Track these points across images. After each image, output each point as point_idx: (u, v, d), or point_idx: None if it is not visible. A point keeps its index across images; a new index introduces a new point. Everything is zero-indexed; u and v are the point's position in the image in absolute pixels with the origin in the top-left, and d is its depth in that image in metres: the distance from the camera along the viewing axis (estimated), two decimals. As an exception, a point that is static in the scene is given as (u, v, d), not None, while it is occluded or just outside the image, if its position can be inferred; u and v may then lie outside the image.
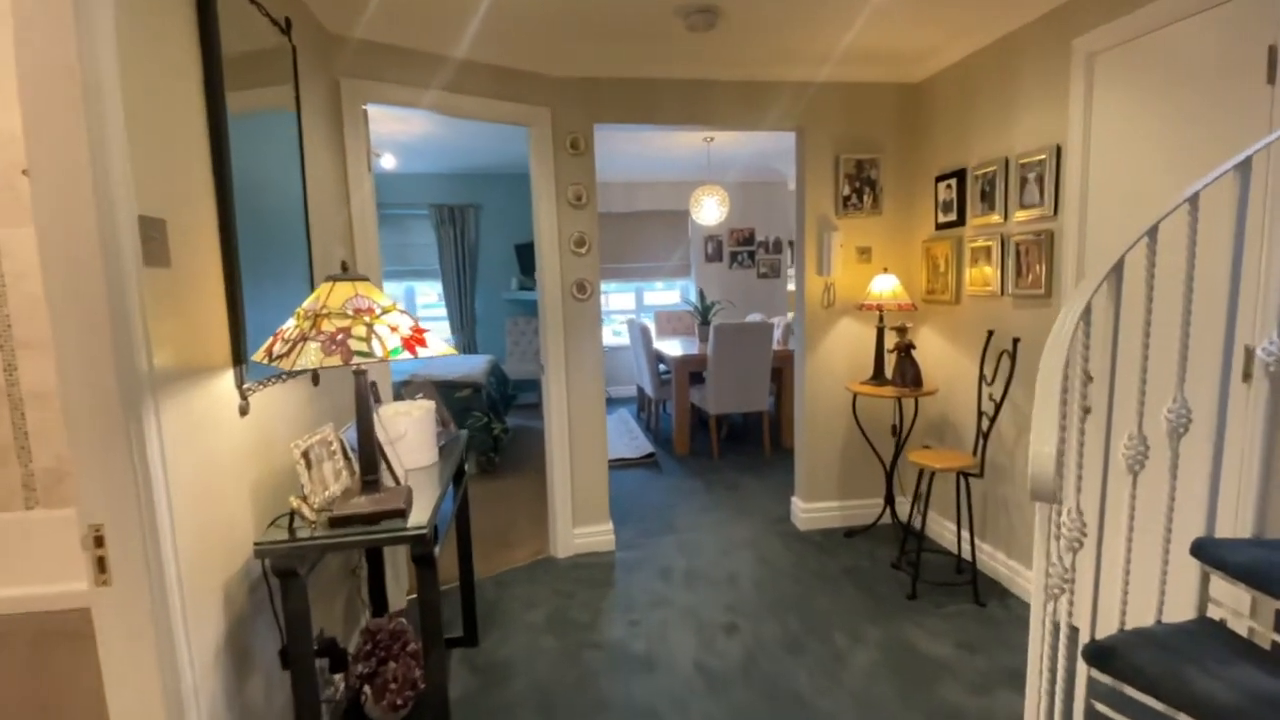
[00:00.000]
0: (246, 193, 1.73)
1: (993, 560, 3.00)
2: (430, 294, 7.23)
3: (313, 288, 2.17)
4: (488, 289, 7.09)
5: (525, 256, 6.87)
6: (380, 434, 1.93)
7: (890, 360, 3.37)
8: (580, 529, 3.42)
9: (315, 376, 2.19)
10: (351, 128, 2.67)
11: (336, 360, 1.45)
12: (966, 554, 3.13)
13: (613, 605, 2.87)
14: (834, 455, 3.63)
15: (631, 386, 7.62)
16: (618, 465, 4.94)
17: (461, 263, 6.92)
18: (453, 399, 4.80)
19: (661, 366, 5.89)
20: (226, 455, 1.58)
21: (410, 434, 2.09)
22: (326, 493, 1.79)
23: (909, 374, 3.17)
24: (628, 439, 5.63)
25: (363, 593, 2.50)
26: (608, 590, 3.01)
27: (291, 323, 1.57)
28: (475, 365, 5.58)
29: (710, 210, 5.43)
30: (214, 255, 1.57)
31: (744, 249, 7.59)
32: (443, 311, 7.07)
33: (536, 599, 2.94)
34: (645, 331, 5.71)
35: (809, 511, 3.64)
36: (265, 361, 1.52)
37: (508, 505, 4.19)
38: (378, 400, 2.42)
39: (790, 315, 6.41)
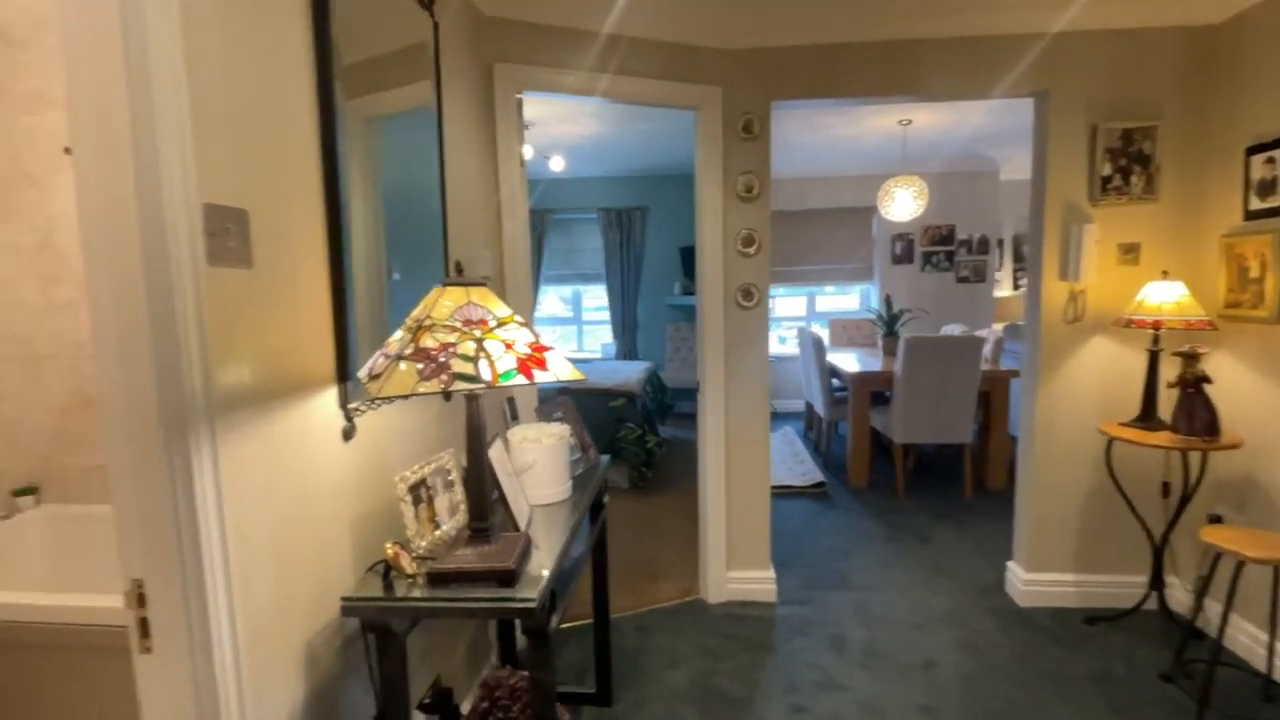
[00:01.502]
0: (368, 187, 1.50)
1: (1337, 697, 2.07)
2: (599, 297, 7.16)
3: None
4: (651, 293, 6.92)
5: (690, 260, 6.55)
6: (503, 465, 1.63)
7: (1169, 397, 2.50)
8: (735, 572, 2.96)
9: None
10: (504, 119, 2.44)
11: (434, 386, 1.14)
12: (1287, 678, 2.21)
13: (771, 678, 2.37)
14: (1072, 513, 2.81)
15: (798, 401, 6.95)
16: (781, 493, 4.39)
17: (626, 267, 6.83)
18: (606, 408, 4.57)
19: (835, 382, 5.22)
20: (323, 488, 1.35)
21: (539, 464, 1.78)
22: (438, 531, 1.51)
23: (1199, 418, 2.30)
24: (793, 462, 5.04)
25: (490, 631, 2.25)
26: (765, 656, 2.51)
27: (399, 334, 1.30)
28: (632, 373, 5.32)
29: (904, 204, 4.68)
30: (319, 257, 1.34)
31: (940, 249, 6.60)
32: (608, 316, 6.97)
33: (680, 654, 2.53)
34: (818, 342, 5.08)
35: (1033, 584, 2.85)
36: (364, 382, 1.27)
37: (657, 529, 3.83)
38: (515, 419, 2.15)
39: (998, 327, 5.40)
